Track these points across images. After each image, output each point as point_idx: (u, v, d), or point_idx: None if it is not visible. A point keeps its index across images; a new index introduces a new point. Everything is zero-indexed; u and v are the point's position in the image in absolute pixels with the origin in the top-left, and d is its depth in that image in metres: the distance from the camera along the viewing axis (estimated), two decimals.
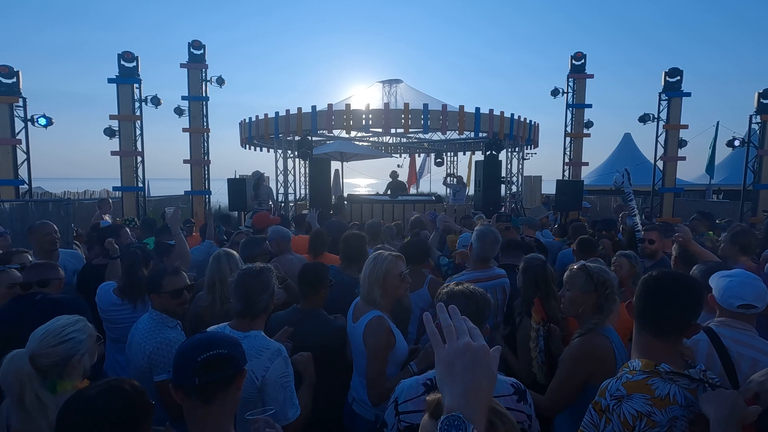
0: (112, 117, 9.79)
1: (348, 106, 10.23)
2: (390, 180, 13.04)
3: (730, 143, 10.76)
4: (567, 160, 11.90)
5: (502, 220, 4.86)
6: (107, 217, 6.97)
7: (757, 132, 10.11)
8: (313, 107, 10.19)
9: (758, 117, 9.95)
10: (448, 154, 17.40)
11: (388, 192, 12.48)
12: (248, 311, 2.02)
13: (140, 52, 9.85)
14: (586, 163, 12.13)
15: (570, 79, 11.63)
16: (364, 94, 13.91)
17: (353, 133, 12.22)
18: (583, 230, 5.22)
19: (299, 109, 10.34)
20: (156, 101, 10.14)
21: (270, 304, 2.09)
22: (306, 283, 2.60)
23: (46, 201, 6.34)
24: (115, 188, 10.48)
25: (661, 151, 10.86)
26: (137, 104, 9.88)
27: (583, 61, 11.47)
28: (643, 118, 10.99)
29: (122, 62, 9.66)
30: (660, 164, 10.94)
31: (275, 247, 3.88)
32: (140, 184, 10.15)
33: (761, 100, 9.81)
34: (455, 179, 12.42)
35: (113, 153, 9.89)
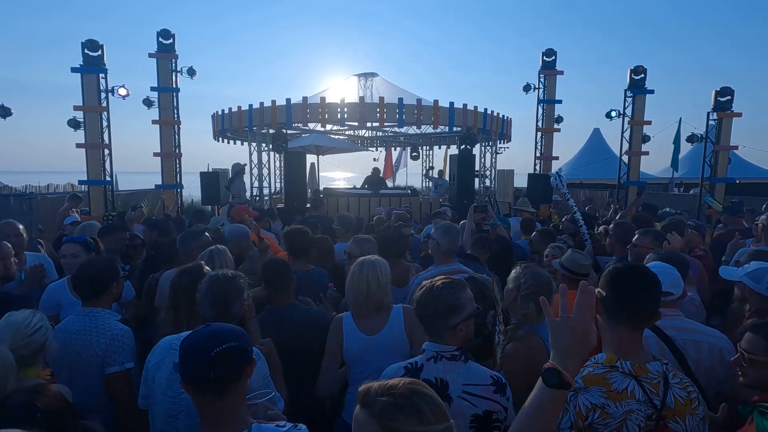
0: (76, 108, 9.40)
1: (323, 99, 10.19)
2: (369, 175, 13.11)
3: (690, 139, 11.31)
4: (538, 155, 12.21)
5: (478, 210, 4.92)
6: (75, 212, 6.74)
7: (714, 128, 10.66)
8: (288, 100, 10.09)
9: (715, 114, 10.48)
10: (424, 147, 17.56)
11: (365, 186, 12.54)
12: (220, 319, 1.89)
13: (105, 41, 9.51)
14: (557, 157, 12.46)
15: (541, 75, 11.89)
16: (340, 87, 13.87)
17: (328, 127, 12.17)
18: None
19: (273, 101, 10.22)
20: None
21: (241, 312, 2.00)
22: (272, 281, 2.53)
23: (7, 195, 6.08)
24: (81, 182, 10.09)
25: (626, 146, 11.30)
26: (103, 95, 9.54)
27: (553, 57, 11.74)
28: (609, 114, 11.40)
29: (86, 51, 9.26)
30: (625, 158, 11.40)
31: (235, 249, 3.38)
32: (108, 178, 9.82)
33: (718, 98, 10.32)
34: (437, 172, 12.55)
35: (78, 145, 9.50)
